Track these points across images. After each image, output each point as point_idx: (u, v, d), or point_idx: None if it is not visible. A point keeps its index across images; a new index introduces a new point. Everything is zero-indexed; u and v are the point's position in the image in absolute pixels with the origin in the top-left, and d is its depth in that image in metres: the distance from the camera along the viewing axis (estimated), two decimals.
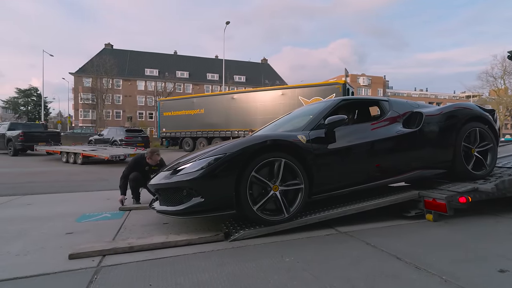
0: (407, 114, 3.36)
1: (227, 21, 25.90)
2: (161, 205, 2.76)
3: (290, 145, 2.66)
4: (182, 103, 19.01)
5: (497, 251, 2.16)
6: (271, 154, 2.57)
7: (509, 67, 36.41)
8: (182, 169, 2.62)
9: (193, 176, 2.46)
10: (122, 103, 49.52)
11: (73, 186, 5.69)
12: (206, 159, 2.52)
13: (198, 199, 2.44)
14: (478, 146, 3.34)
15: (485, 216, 3.15)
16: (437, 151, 3.21)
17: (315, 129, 2.91)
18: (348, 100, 3.58)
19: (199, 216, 2.54)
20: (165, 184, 2.67)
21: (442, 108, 3.46)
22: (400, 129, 3.21)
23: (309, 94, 14.50)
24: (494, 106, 44.42)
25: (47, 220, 3.18)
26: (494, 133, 3.45)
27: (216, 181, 2.46)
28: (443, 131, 3.23)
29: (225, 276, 1.81)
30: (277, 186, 2.57)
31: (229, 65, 48.52)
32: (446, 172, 3.28)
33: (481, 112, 3.47)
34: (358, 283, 1.70)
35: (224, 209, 2.47)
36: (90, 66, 41.41)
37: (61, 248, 2.30)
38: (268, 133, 3.16)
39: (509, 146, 5.24)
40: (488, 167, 3.31)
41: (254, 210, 2.48)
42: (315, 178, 2.72)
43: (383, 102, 3.48)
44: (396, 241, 2.40)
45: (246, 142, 2.59)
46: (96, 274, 1.86)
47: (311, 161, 2.71)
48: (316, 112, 3.17)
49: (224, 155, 2.49)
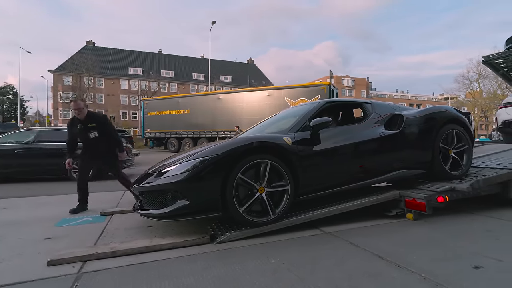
0: (388, 116, 3.45)
1: (213, 21, 25.70)
2: (145, 208, 2.72)
3: (276, 147, 2.68)
4: (167, 103, 18.75)
5: (473, 248, 2.26)
6: (257, 156, 2.58)
7: (484, 71, 38.14)
8: (167, 171, 2.59)
9: (178, 178, 2.44)
10: (104, 103, 48.12)
11: (51, 189, 5.49)
12: (192, 161, 2.50)
13: (184, 202, 2.42)
14: (455, 147, 3.47)
15: (462, 214, 3.29)
16: (417, 152, 3.32)
17: (300, 131, 2.94)
18: (333, 102, 3.64)
19: (184, 219, 2.52)
20: (149, 187, 2.62)
21: (422, 111, 3.57)
22: (382, 131, 3.30)
23: (295, 95, 14.66)
24: (470, 108, 46.47)
25: (24, 225, 3.05)
26: (470, 134, 3.61)
27: (202, 184, 2.44)
28: (423, 132, 3.34)
29: (210, 280, 1.80)
30: (263, 188, 2.58)
31: (215, 65, 48.20)
32: (425, 172, 3.40)
33: (458, 115, 3.62)
34: (342, 283, 1.74)
35: (210, 212, 2.46)
36: (71, 64, 40.04)
37: (39, 254, 2.21)
38: (254, 135, 3.16)
39: (484, 147, 5.49)
40: (464, 167, 3.46)
41: (240, 212, 2.48)
42: (300, 179, 2.75)
43: (366, 105, 3.56)
44: (378, 240, 2.46)
45: (232, 144, 2.59)
46: (76, 281, 1.81)
47: (296, 162, 2.73)
48: (302, 114, 3.21)
49: (210, 157, 2.48)
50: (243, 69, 60.33)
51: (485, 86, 41.51)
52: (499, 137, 13.33)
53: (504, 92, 35.27)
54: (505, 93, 34.44)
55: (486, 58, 7.37)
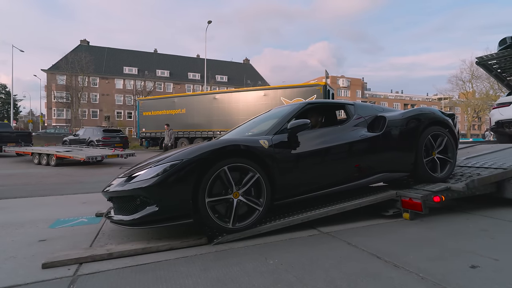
0: (371, 118, 3.38)
1: (209, 20, 25.76)
2: (115, 214, 2.58)
3: (251, 150, 2.57)
4: (163, 103, 18.65)
5: (469, 247, 2.28)
6: (231, 159, 2.47)
7: (477, 71, 38.72)
8: (137, 175, 2.46)
9: (147, 183, 2.32)
10: (99, 102, 47.76)
11: (46, 190, 5.41)
12: (162, 165, 2.38)
13: (153, 208, 2.30)
14: (439, 149, 3.42)
15: (457, 213, 3.32)
16: (400, 154, 3.27)
17: (279, 133, 2.85)
18: (314, 104, 3.53)
19: (154, 226, 2.37)
20: (118, 192, 2.50)
21: (405, 112, 3.49)
22: (364, 133, 3.22)
23: (290, 95, 14.68)
24: (463, 108, 47.08)
25: (18, 226, 3.00)
26: (454, 136, 3.55)
27: (172, 189, 2.33)
28: (406, 134, 3.29)
29: (209, 281, 1.79)
30: (238, 193, 2.47)
31: (211, 64, 48.11)
32: (408, 175, 3.36)
33: (442, 117, 3.56)
34: (341, 283, 1.74)
35: (181, 218, 2.35)
36: (65, 63, 39.66)
37: (33, 257, 2.17)
38: (229, 138, 3.04)
39: (478, 147, 5.55)
40: (448, 170, 3.41)
41: (213, 219, 2.38)
42: (277, 183, 2.65)
43: (349, 106, 3.48)
44: (376, 240, 2.47)
45: (204, 148, 2.47)
46: (72, 283, 1.78)
47: (273, 166, 2.63)
48: (281, 116, 3.10)
49: (181, 162, 2.36)
50: (239, 69, 60.30)
51: (478, 87, 42.17)
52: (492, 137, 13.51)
53: (497, 93, 35.81)
54: (497, 94, 34.98)
55: (480, 59, 7.47)
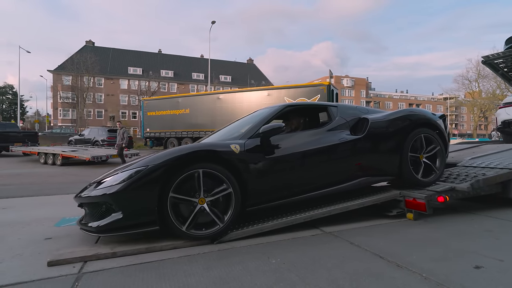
0: (354, 120, 3.27)
1: (213, 21, 25.87)
2: (85, 221, 2.52)
3: (220, 155, 2.50)
4: (167, 103, 18.71)
5: (473, 248, 2.26)
6: (200, 164, 2.41)
7: (483, 71, 38.21)
8: (105, 181, 2.42)
9: (112, 190, 2.28)
10: (104, 102, 48.13)
11: (51, 189, 5.48)
12: (129, 171, 2.34)
13: (117, 215, 2.26)
14: (426, 152, 3.30)
15: (462, 214, 3.29)
16: (383, 157, 3.17)
17: (253, 137, 2.75)
18: (294, 106, 3.42)
19: (119, 233, 2.30)
20: (86, 198, 2.46)
21: (391, 114, 3.37)
22: (344, 136, 3.11)
23: (294, 95, 14.64)
24: (469, 107, 46.55)
25: (24, 224, 3.05)
26: (443, 138, 3.43)
27: (136, 196, 2.28)
28: (390, 137, 3.19)
29: (211, 280, 1.80)
30: (204, 199, 2.39)
31: (215, 64, 48.22)
32: (394, 178, 3.28)
33: (430, 118, 3.43)
34: (343, 283, 1.74)
35: (146, 226, 2.29)
36: (70, 64, 40.01)
37: (39, 255, 2.21)
38: (203, 142, 3.02)
39: (484, 147, 5.49)
40: (437, 172, 3.30)
41: (171, 216, 2.30)
42: (249, 189, 2.57)
43: (331, 108, 3.37)
44: (379, 240, 2.46)
45: (170, 154, 2.41)
46: (77, 281, 1.80)
47: (244, 171, 2.55)
48: (258, 119, 2.99)
49: (146, 168, 2.31)
50: (243, 69, 60.34)
51: (484, 86, 41.67)
52: (499, 137, 13.35)
53: (503, 92, 35.34)
54: (504, 93, 34.51)
55: (486, 58, 7.37)
